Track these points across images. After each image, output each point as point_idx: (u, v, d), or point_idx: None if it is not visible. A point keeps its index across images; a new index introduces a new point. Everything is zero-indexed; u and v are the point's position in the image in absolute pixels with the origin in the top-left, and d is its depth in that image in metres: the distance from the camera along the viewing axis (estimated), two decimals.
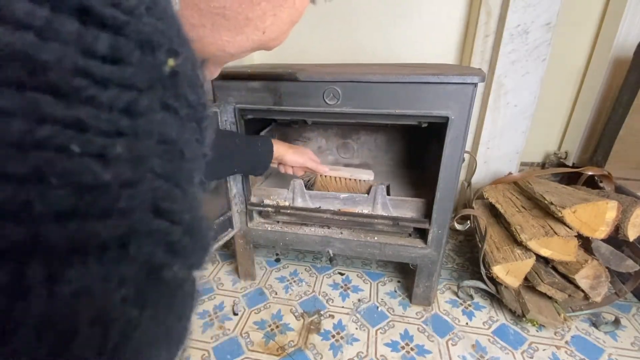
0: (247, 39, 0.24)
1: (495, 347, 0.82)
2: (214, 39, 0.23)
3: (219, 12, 0.21)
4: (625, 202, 0.78)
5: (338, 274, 1.08)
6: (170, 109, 0.15)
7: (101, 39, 0.12)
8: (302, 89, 0.74)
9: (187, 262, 0.16)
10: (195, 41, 0.22)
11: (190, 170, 0.17)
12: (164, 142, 0.15)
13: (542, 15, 0.98)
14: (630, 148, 1.05)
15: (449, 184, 0.76)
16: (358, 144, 1.18)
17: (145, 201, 0.14)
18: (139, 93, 0.14)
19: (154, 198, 0.14)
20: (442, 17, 1.13)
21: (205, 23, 0.22)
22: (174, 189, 0.15)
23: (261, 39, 0.25)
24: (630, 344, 0.82)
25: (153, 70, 0.14)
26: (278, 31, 0.25)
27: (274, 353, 0.81)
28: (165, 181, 0.15)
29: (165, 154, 0.15)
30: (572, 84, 1.20)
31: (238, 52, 0.25)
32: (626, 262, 0.78)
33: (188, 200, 0.16)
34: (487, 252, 0.89)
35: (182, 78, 0.16)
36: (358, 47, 1.22)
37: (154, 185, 0.14)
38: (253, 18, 0.23)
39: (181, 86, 0.16)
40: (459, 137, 0.71)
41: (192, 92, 0.17)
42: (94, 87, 0.12)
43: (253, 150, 0.77)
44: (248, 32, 0.23)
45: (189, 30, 0.21)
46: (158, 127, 0.15)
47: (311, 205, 0.92)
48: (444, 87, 0.67)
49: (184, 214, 0.16)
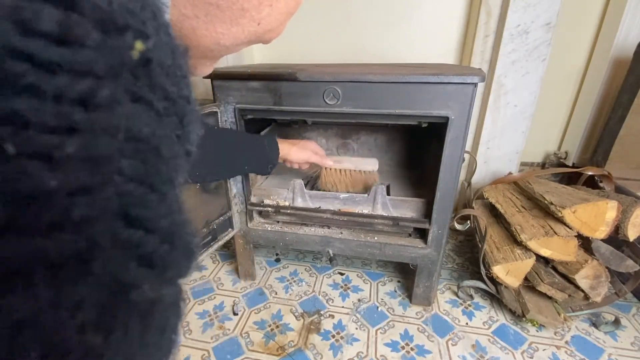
0: (242, 31, 0.23)
1: (495, 347, 0.82)
2: (207, 31, 0.22)
3: (212, 2, 0.20)
4: (625, 202, 0.78)
5: (338, 274, 1.08)
6: (143, 101, 0.13)
7: (46, 13, 0.10)
8: (302, 89, 0.74)
9: (168, 273, 0.15)
10: (189, 34, 0.21)
11: (169, 170, 0.15)
12: (135, 139, 0.13)
13: (542, 15, 0.98)
14: (630, 148, 1.05)
15: (449, 184, 0.76)
16: (358, 144, 1.18)
17: (109, 209, 0.12)
18: (98, 81, 0.11)
19: (122, 204, 0.12)
20: (442, 17, 1.13)
21: (199, 14, 0.21)
22: (149, 193, 0.13)
23: (257, 31, 0.24)
24: (630, 344, 0.82)
25: (116, 54, 0.12)
26: (274, 22, 0.24)
27: (274, 353, 0.81)
28: (138, 184, 0.13)
29: (136, 153, 0.13)
30: (572, 84, 1.20)
31: (233, 44, 0.24)
32: (626, 262, 0.78)
33: (166, 204, 0.14)
34: (487, 252, 0.89)
35: (157, 66, 0.14)
36: (358, 47, 1.22)
37: (122, 190, 0.12)
38: (249, 8, 0.22)
39: (156, 76, 0.14)
40: (459, 137, 0.71)
41: (172, 83, 0.15)
42: (35, 73, 0.10)
43: (261, 148, 0.77)
44: (243, 23, 0.22)
45: (182, 21, 0.20)
46: (126, 122, 0.12)
47: (311, 205, 0.92)
48: (444, 87, 0.67)
49: (160, 220, 0.14)
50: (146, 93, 0.13)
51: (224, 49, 0.24)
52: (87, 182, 0.11)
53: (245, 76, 0.76)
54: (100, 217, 0.12)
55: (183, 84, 0.16)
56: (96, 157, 0.11)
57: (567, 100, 1.23)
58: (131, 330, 0.13)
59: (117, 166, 0.12)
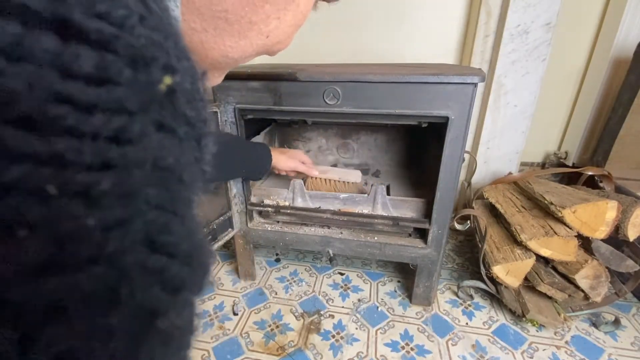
0: (250, 44, 0.23)
1: (495, 347, 0.82)
2: (216, 44, 0.22)
3: (221, 16, 0.20)
4: (625, 202, 0.78)
5: (338, 274, 1.08)
6: (167, 129, 0.13)
7: (83, 56, 0.11)
8: (302, 89, 0.74)
9: (188, 295, 0.15)
10: (197, 47, 0.21)
11: (190, 193, 0.15)
12: (160, 168, 0.13)
13: (542, 15, 0.98)
14: (630, 148, 1.05)
15: (449, 184, 0.76)
16: (358, 144, 1.18)
17: (138, 239, 0.12)
18: (130, 117, 0.12)
19: (148, 232, 0.12)
20: (442, 17, 1.13)
21: (207, 27, 0.21)
22: (172, 219, 0.13)
23: (265, 44, 0.24)
24: (630, 344, 0.82)
25: (147, 89, 0.12)
26: (282, 35, 0.25)
27: (274, 353, 0.81)
28: (162, 212, 0.13)
29: (161, 181, 0.13)
30: (572, 84, 1.20)
31: (241, 57, 0.24)
32: (626, 262, 0.78)
33: (186, 226, 0.14)
34: (487, 252, 0.89)
35: (181, 95, 0.14)
36: (358, 47, 1.22)
37: (148, 219, 0.12)
38: (257, 22, 0.22)
39: (179, 104, 0.14)
40: (459, 137, 0.71)
41: (192, 108, 0.15)
42: (75, 115, 0.10)
43: (256, 155, 0.80)
44: (251, 36, 0.22)
45: (190, 35, 0.20)
46: (153, 153, 0.13)
47: (311, 205, 0.92)
48: (444, 87, 0.67)
49: (182, 244, 0.14)
50: (170, 121, 0.13)
51: (232, 62, 0.24)
52: (120, 215, 0.11)
53: (245, 76, 0.76)
54: (130, 248, 0.12)
55: (201, 107, 0.16)
56: (128, 190, 0.12)
57: (567, 100, 1.23)
58: (155, 354, 0.13)
59: (144, 197, 0.12)
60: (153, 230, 0.13)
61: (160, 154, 0.13)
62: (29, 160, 0.10)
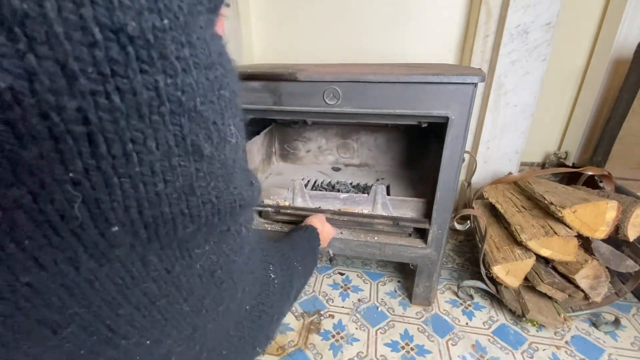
0: None
1: (495, 347, 0.82)
2: None
3: None
4: (625, 202, 0.78)
5: (338, 274, 1.08)
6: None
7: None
8: (302, 89, 0.74)
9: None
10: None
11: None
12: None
13: (542, 15, 0.98)
14: (630, 148, 1.05)
15: (449, 184, 0.76)
16: (358, 144, 1.18)
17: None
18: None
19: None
20: (442, 17, 1.13)
21: None
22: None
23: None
24: (630, 344, 0.82)
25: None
26: None
27: (274, 353, 0.81)
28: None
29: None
30: (572, 84, 1.20)
31: None
32: (626, 262, 0.78)
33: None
34: (487, 252, 0.89)
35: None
36: (358, 47, 1.22)
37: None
38: None
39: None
40: (459, 137, 0.71)
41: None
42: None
43: (308, 246, 0.67)
44: None
45: None
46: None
47: (311, 205, 0.92)
48: (444, 87, 0.67)
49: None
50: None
51: None
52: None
53: (245, 76, 0.76)
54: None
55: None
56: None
57: (567, 100, 1.23)
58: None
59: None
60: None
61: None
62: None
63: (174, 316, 0.24)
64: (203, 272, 0.24)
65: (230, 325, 0.31)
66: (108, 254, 0.18)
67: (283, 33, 1.24)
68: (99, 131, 0.14)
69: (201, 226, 0.21)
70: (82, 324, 0.20)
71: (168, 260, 0.21)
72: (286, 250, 0.50)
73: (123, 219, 0.17)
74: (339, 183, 1.05)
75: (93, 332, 0.20)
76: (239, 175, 0.23)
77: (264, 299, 0.36)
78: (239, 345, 0.33)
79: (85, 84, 0.14)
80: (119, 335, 0.21)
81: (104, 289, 0.19)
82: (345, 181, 1.07)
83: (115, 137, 0.15)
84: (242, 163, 0.24)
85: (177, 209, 0.18)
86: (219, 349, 0.31)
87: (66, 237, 0.16)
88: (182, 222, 0.19)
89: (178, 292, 0.23)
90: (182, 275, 0.22)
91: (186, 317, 0.24)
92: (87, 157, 0.15)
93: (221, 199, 0.21)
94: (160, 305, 0.22)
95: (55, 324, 0.19)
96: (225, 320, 0.30)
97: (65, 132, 0.14)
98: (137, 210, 0.17)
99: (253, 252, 0.33)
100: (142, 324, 0.22)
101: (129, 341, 0.22)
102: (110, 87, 0.14)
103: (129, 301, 0.20)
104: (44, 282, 0.17)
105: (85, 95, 0.14)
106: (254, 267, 0.34)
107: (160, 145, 0.17)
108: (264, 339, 0.37)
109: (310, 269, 0.59)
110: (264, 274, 0.37)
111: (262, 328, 0.36)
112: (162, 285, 0.21)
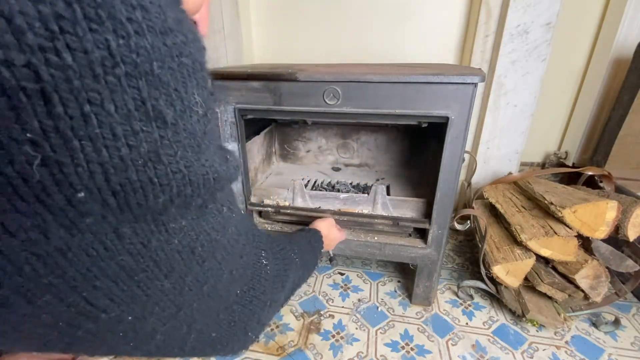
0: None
1: (495, 347, 0.82)
2: None
3: None
4: (625, 202, 0.78)
5: (338, 274, 1.08)
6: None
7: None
8: (302, 89, 0.74)
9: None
10: None
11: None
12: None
13: (542, 15, 0.98)
14: (630, 148, 1.05)
15: (449, 184, 0.76)
16: (358, 144, 1.18)
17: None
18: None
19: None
20: (442, 17, 1.13)
21: None
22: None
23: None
24: (630, 344, 0.82)
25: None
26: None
27: (274, 353, 0.81)
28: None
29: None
30: (572, 84, 1.20)
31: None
32: (626, 262, 0.78)
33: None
34: (487, 252, 0.89)
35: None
36: (358, 47, 1.22)
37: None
38: None
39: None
40: (459, 137, 0.71)
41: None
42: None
43: (315, 243, 0.69)
44: None
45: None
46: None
47: (311, 205, 0.92)
48: (444, 87, 0.67)
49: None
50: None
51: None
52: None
53: (245, 76, 0.76)
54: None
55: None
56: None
57: (567, 100, 1.23)
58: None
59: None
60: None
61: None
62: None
63: (155, 292, 0.24)
64: (182, 249, 0.24)
65: (220, 308, 0.31)
66: (78, 223, 0.18)
67: (283, 33, 1.24)
68: (52, 89, 0.15)
69: (173, 197, 0.21)
70: (57, 294, 0.20)
71: (143, 233, 0.21)
72: (282, 241, 0.50)
73: (89, 185, 0.17)
74: (339, 183, 1.05)
75: (70, 303, 0.20)
76: (213, 150, 0.24)
77: (255, 284, 0.36)
78: (229, 329, 0.33)
79: (32, 39, 0.14)
80: (98, 308, 0.22)
81: (77, 259, 0.19)
82: (345, 181, 1.07)
83: (71, 97, 0.15)
84: (215, 138, 0.24)
85: (145, 176, 0.18)
86: (208, 331, 0.31)
87: (31, 202, 0.16)
88: (152, 190, 0.19)
89: (157, 267, 0.23)
90: (159, 250, 0.22)
91: (168, 294, 0.25)
92: (43, 116, 0.15)
93: (192, 169, 0.21)
94: (140, 280, 0.22)
95: (30, 292, 0.19)
96: (213, 302, 0.30)
97: (17, 88, 0.14)
98: (103, 176, 0.17)
99: (240, 235, 0.33)
100: (121, 298, 0.22)
101: (109, 315, 0.22)
102: (59, 44, 0.14)
103: (105, 274, 0.20)
104: (14, 249, 0.17)
105: (35, 50, 0.14)
106: (243, 251, 0.34)
107: (119, 108, 0.17)
108: (257, 324, 0.37)
109: (311, 265, 0.59)
110: (255, 259, 0.38)
111: (253, 314, 0.36)
112: (139, 259, 0.21)
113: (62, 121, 0.15)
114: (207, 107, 0.22)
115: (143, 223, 0.21)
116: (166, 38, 0.18)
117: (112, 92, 0.16)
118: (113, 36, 0.16)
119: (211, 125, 0.23)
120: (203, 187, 0.22)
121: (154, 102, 0.18)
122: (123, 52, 0.16)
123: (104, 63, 0.16)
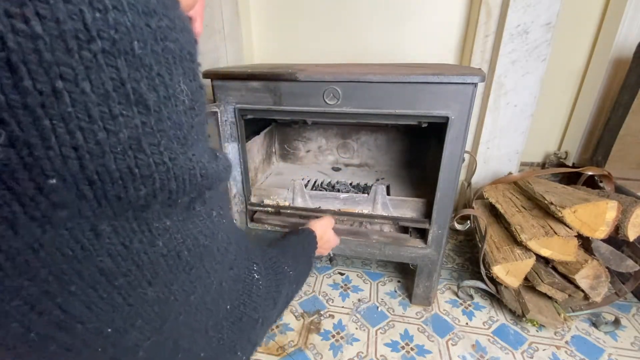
0: None
1: (495, 347, 0.82)
2: None
3: None
4: (625, 202, 0.78)
5: (338, 274, 1.08)
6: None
7: None
8: (302, 89, 0.74)
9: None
10: None
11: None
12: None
13: (542, 15, 0.98)
14: (630, 148, 1.05)
15: (449, 184, 0.76)
16: (358, 144, 1.18)
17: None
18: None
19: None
20: (442, 17, 1.13)
21: None
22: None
23: None
24: (630, 344, 0.82)
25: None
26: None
27: (274, 353, 0.81)
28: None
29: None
30: (572, 84, 1.20)
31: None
32: (626, 262, 0.78)
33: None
34: (487, 252, 0.89)
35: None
36: (358, 47, 1.22)
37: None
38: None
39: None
40: (459, 137, 0.71)
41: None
42: None
43: (308, 247, 0.66)
44: None
45: None
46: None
47: (311, 205, 0.92)
48: (444, 87, 0.67)
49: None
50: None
51: None
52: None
53: (245, 76, 0.76)
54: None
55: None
56: None
57: (567, 100, 1.23)
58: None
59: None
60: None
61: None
62: None
63: (138, 301, 0.22)
64: (167, 252, 0.22)
65: (208, 324, 0.29)
66: (51, 216, 0.16)
67: (283, 33, 1.24)
68: (19, 59, 0.13)
69: (156, 191, 0.19)
70: (28, 300, 0.18)
71: (124, 232, 0.19)
72: (275, 254, 0.47)
73: (62, 171, 0.15)
74: (339, 183, 1.05)
75: (42, 310, 0.19)
76: (202, 146, 0.22)
77: (245, 299, 0.34)
78: (217, 347, 0.31)
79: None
80: (73, 318, 0.20)
81: (51, 259, 0.17)
82: (345, 181, 1.07)
83: (40, 70, 0.14)
84: (204, 134, 0.23)
85: (124, 165, 0.17)
86: (197, 350, 0.29)
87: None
88: (132, 182, 0.18)
89: (140, 272, 0.21)
90: (142, 252, 0.20)
91: (152, 305, 0.22)
92: (9, 89, 0.14)
93: (176, 162, 0.20)
94: (121, 286, 0.20)
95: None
96: (201, 315, 0.28)
97: None
98: (78, 162, 0.16)
99: (231, 244, 0.31)
100: (100, 307, 0.20)
101: (86, 326, 0.20)
102: (28, 10, 0.13)
103: (82, 277, 0.19)
104: None
105: (0, 15, 0.13)
106: (233, 262, 0.32)
107: (95, 87, 0.15)
108: (247, 343, 0.35)
109: (303, 276, 0.56)
110: (246, 272, 0.35)
111: (243, 331, 0.33)
112: (119, 262, 0.20)
113: (30, 96, 0.14)
114: (194, 100, 0.21)
115: (124, 221, 0.19)
116: (150, 19, 0.17)
117: (87, 68, 0.15)
118: (89, 8, 0.14)
119: (200, 120, 0.22)
120: (189, 183, 0.21)
121: (134, 85, 0.17)
122: (100, 26, 0.15)
123: (77, 36, 0.14)
